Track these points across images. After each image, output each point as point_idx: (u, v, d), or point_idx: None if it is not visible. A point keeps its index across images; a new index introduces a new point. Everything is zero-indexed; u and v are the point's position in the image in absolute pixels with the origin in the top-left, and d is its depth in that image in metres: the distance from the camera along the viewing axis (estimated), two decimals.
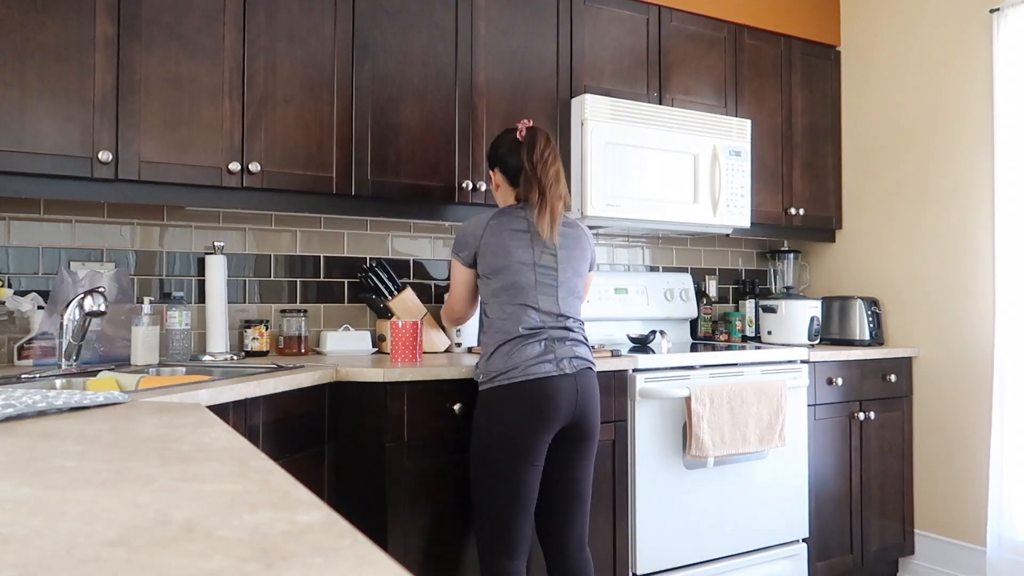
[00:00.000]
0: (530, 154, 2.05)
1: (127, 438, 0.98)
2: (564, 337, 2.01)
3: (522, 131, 2.10)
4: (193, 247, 2.51)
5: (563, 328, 2.02)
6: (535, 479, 1.96)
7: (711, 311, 3.42)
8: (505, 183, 2.14)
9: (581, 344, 2.05)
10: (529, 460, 1.93)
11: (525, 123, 2.11)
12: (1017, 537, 2.80)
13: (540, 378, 1.93)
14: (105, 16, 2.06)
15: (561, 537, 2.04)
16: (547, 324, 2.00)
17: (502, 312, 2.00)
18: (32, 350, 2.17)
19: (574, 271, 2.08)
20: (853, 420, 3.01)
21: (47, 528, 0.58)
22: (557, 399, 1.94)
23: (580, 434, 2.01)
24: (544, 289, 2.01)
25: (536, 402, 1.92)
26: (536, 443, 1.93)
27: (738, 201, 3.02)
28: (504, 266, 2.00)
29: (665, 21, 3.03)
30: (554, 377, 1.94)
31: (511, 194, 2.13)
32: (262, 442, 1.78)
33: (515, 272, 2.00)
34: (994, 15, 2.90)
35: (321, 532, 0.57)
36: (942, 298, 3.13)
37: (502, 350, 1.96)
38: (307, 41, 2.35)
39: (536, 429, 1.92)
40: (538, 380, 1.93)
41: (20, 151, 1.97)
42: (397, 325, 2.29)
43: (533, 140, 2.07)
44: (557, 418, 1.94)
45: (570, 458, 2.03)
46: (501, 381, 1.94)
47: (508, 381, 1.93)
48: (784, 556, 2.77)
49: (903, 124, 3.29)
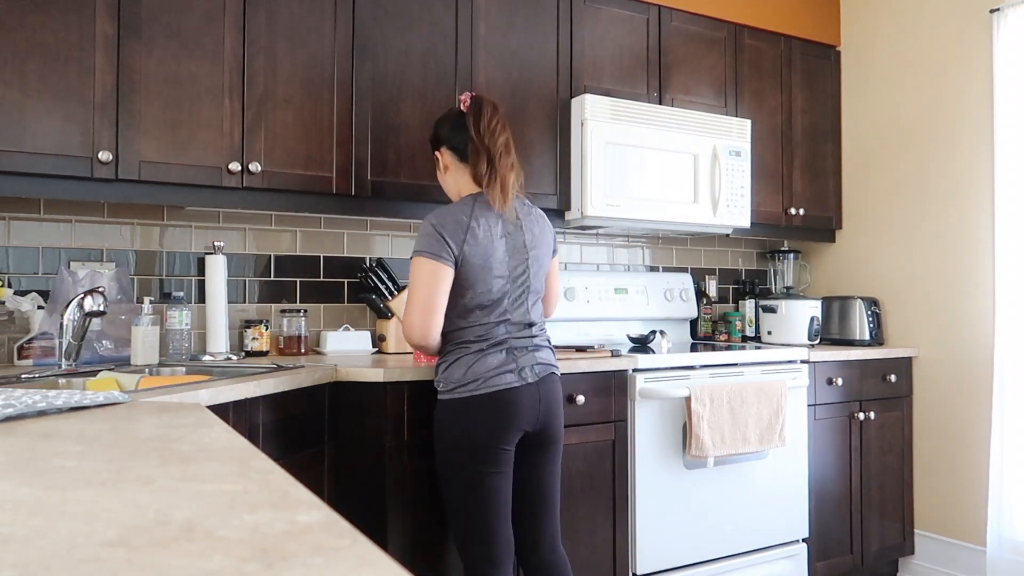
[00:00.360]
0: (476, 123, 1.93)
1: (127, 438, 0.98)
2: (527, 345, 1.95)
3: (466, 102, 1.98)
4: (193, 247, 2.51)
5: (527, 336, 1.96)
6: (504, 484, 1.91)
7: (711, 311, 3.42)
8: (455, 161, 1.99)
9: (544, 348, 2.00)
10: (494, 467, 1.88)
11: (467, 94, 2.01)
12: (1017, 537, 2.80)
13: (501, 389, 1.87)
14: (105, 16, 2.06)
15: (531, 542, 2.00)
16: (512, 334, 1.93)
17: (465, 322, 1.91)
18: (32, 350, 2.17)
19: (541, 269, 2.01)
20: (853, 420, 3.01)
21: (47, 528, 0.58)
22: (519, 409, 1.89)
23: (544, 440, 1.97)
24: (516, 302, 1.94)
25: (497, 413, 1.87)
26: (499, 451, 1.88)
27: (738, 201, 3.02)
28: (481, 279, 1.89)
29: (665, 21, 3.03)
30: (515, 388, 1.88)
31: (464, 172, 1.99)
32: (262, 442, 1.78)
33: (490, 285, 1.90)
34: (994, 15, 2.90)
35: (321, 532, 0.57)
36: (942, 298, 3.13)
37: (463, 360, 1.89)
38: (307, 41, 2.35)
39: (498, 439, 1.87)
40: (499, 392, 1.87)
41: (20, 151, 1.97)
42: None
43: (479, 109, 1.95)
44: (519, 427, 1.90)
45: (535, 464, 1.99)
46: (461, 393, 1.88)
47: (468, 393, 1.87)
48: (784, 556, 2.77)
49: (903, 124, 3.29)
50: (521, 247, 1.96)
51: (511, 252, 1.94)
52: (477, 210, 1.92)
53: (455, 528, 1.95)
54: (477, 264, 1.88)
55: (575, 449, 2.34)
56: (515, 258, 1.95)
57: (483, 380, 1.87)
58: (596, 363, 2.38)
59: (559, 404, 2.00)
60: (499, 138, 1.94)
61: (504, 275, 1.92)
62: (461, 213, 1.90)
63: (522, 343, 1.95)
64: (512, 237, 1.95)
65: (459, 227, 1.87)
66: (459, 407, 1.89)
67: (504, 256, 1.92)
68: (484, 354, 1.89)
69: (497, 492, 1.90)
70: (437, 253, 1.85)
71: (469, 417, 1.88)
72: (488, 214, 1.92)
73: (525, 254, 1.97)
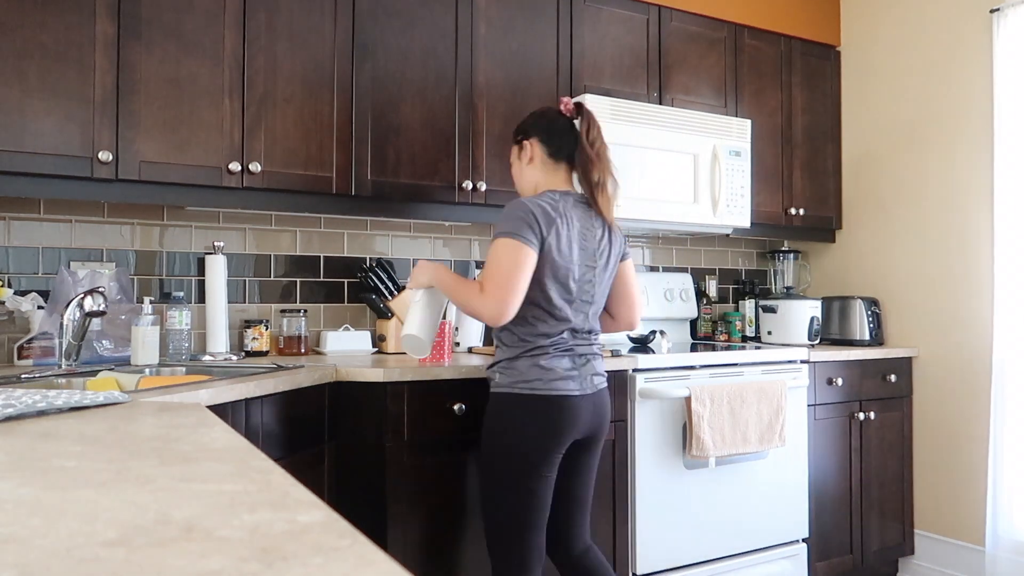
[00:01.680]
0: (589, 133, 1.93)
1: (127, 438, 0.98)
2: (588, 353, 1.94)
3: (569, 105, 1.98)
4: (193, 247, 2.51)
5: (587, 344, 1.95)
6: (547, 490, 1.89)
7: (711, 311, 3.42)
8: (543, 155, 1.97)
9: (599, 357, 2.00)
10: (543, 470, 1.86)
11: (569, 99, 2.00)
12: (1017, 537, 2.80)
13: (563, 395, 1.85)
14: (105, 16, 2.06)
15: (567, 543, 2.00)
16: (577, 340, 1.93)
17: (535, 317, 1.88)
18: (32, 350, 2.17)
19: (608, 280, 2.00)
20: (853, 420, 3.01)
21: (47, 528, 0.58)
22: (577, 417, 1.88)
23: (590, 445, 1.98)
24: (581, 307, 1.93)
25: (555, 418, 1.85)
26: (550, 456, 1.86)
27: (738, 201, 3.02)
28: (555, 277, 1.86)
29: (665, 21, 3.03)
30: (576, 396, 1.87)
31: (554, 170, 1.97)
32: (262, 442, 1.78)
33: (563, 283, 1.88)
34: (994, 15, 2.90)
35: (321, 532, 0.57)
36: (942, 298, 3.13)
37: (530, 355, 1.87)
38: (307, 41, 2.35)
39: (553, 441, 1.86)
40: (560, 397, 1.85)
41: (20, 151, 1.97)
42: None
43: (591, 120, 1.94)
44: (573, 434, 1.89)
45: (577, 467, 1.98)
46: (522, 389, 1.85)
47: (530, 391, 1.84)
48: (784, 556, 2.77)
49: (903, 124, 3.29)
50: (592, 254, 1.94)
51: (583, 258, 1.92)
52: (564, 207, 1.89)
53: (489, 526, 1.91)
54: (555, 260, 1.86)
55: None
56: (585, 264, 1.92)
57: (547, 381, 1.85)
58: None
59: (609, 414, 2.00)
60: (605, 151, 1.95)
61: (575, 279, 1.91)
62: (550, 207, 1.87)
63: (585, 350, 1.94)
64: (586, 242, 1.93)
65: (548, 218, 1.85)
66: (518, 403, 1.86)
67: (578, 260, 1.91)
68: (552, 356, 1.88)
69: (539, 498, 1.87)
70: (525, 236, 1.81)
71: (527, 417, 1.85)
72: (572, 215, 1.90)
73: (595, 262, 1.95)
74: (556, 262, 1.86)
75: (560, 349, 1.89)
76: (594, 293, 1.96)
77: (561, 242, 1.86)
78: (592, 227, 1.95)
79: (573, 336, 1.92)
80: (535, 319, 1.88)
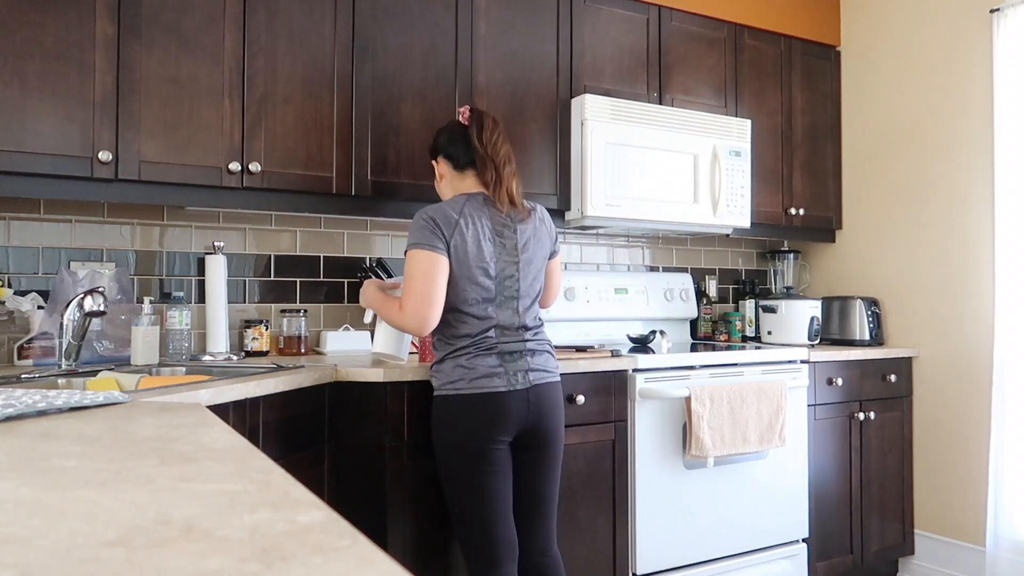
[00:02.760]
0: (479, 134, 2.00)
1: (127, 438, 0.98)
2: (519, 350, 1.95)
3: (465, 114, 2.05)
4: (193, 247, 2.51)
5: (519, 340, 1.96)
6: (501, 484, 1.92)
7: (711, 311, 3.42)
8: (450, 170, 2.06)
9: (540, 352, 1.99)
10: (488, 466, 1.89)
11: (466, 108, 2.07)
12: (1017, 537, 2.80)
13: (486, 392, 1.89)
14: (105, 16, 2.06)
15: (523, 544, 2.00)
16: (502, 338, 1.94)
17: (456, 320, 1.93)
18: (32, 350, 2.17)
19: (533, 273, 2.01)
20: (853, 420, 3.01)
21: (47, 528, 0.58)
22: (504, 415, 1.90)
23: (536, 442, 1.97)
24: (505, 303, 1.95)
25: (480, 416, 1.89)
26: (490, 449, 1.89)
27: (738, 201, 3.02)
28: (466, 277, 1.91)
29: (665, 21, 3.03)
30: (501, 392, 1.89)
31: (460, 181, 2.04)
32: (262, 442, 1.78)
33: (476, 284, 1.91)
34: (994, 15, 2.90)
35: (321, 532, 0.57)
36: (942, 298, 3.13)
37: (453, 356, 1.92)
38: (307, 41, 2.35)
39: (488, 436, 1.89)
40: (483, 395, 1.89)
41: (20, 151, 1.97)
42: None
43: (481, 122, 2.02)
44: (507, 428, 1.91)
45: (529, 466, 1.99)
46: (449, 390, 1.91)
47: (455, 392, 1.90)
48: (784, 556, 2.77)
49: (903, 124, 3.29)
50: (512, 250, 1.97)
51: (499, 254, 1.95)
52: (467, 209, 1.94)
53: (457, 527, 1.97)
54: (462, 261, 1.90)
55: (575, 449, 2.34)
56: (503, 260, 1.95)
57: (469, 380, 1.90)
58: (596, 363, 2.38)
59: (554, 407, 1.99)
60: (501, 149, 2.01)
61: (491, 276, 1.93)
62: (451, 210, 1.93)
63: (513, 347, 1.95)
64: (503, 239, 1.96)
65: (448, 221, 1.90)
66: (451, 404, 1.91)
67: (491, 257, 1.93)
68: (473, 356, 1.91)
69: (493, 491, 1.90)
70: (432, 244, 1.88)
71: (461, 414, 1.90)
72: (477, 214, 1.94)
73: (516, 257, 1.97)
74: (465, 262, 1.90)
75: (482, 348, 1.92)
76: (518, 288, 1.97)
77: (467, 242, 1.90)
78: (508, 223, 1.98)
79: (501, 333, 1.94)
80: (456, 321, 1.93)
